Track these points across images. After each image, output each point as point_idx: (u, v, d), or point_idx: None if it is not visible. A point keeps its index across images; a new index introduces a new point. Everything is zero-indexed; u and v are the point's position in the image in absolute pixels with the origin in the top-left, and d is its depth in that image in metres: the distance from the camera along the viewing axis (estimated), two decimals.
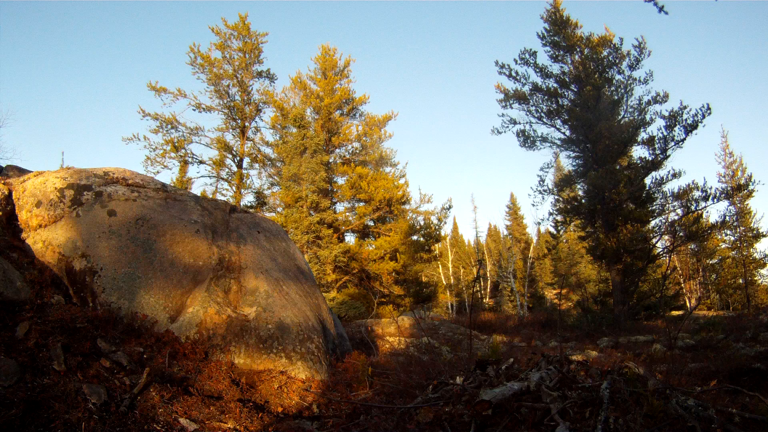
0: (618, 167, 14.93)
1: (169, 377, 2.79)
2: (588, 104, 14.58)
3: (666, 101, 14.68)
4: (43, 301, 3.01)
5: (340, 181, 19.06)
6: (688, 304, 26.21)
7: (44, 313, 2.81)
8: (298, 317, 3.97)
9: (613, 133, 14.20)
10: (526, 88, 16.04)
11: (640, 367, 2.78)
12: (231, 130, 18.14)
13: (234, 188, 17.69)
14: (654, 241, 14.97)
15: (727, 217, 15.10)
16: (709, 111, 13.00)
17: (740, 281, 24.14)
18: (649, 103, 14.82)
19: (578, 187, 17.74)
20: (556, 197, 16.62)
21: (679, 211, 14.38)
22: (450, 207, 18.18)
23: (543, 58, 31.81)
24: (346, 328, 7.04)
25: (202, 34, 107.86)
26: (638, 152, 20.85)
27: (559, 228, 17.32)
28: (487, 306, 31.74)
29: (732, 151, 26.64)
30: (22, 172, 4.72)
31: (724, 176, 25.64)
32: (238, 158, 18.05)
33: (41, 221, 3.63)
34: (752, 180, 13.79)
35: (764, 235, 17.89)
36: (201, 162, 17.29)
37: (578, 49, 15.89)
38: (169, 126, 16.54)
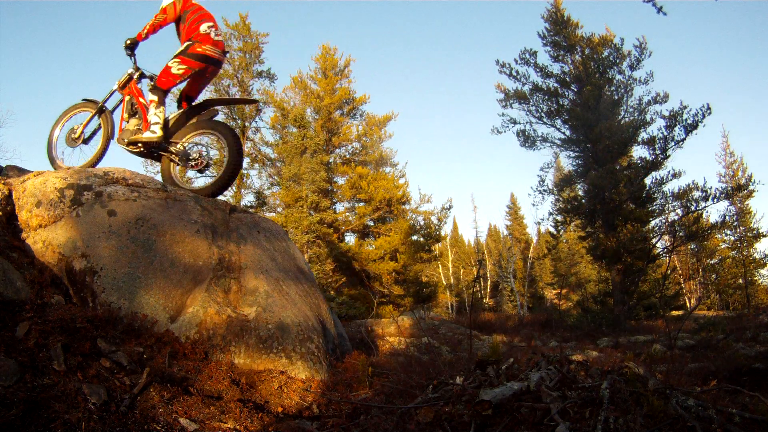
0: (618, 167, 14.94)
1: (169, 377, 2.79)
2: (588, 104, 14.58)
3: (666, 101, 14.71)
4: (43, 301, 3.01)
5: (340, 181, 19.07)
6: (688, 304, 26.22)
7: (44, 313, 2.81)
8: (298, 317, 3.97)
9: (614, 133, 14.21)
10: (527, 88, 16.06)
11: (640, 367, 2.78)
12: None
13: (234, 188, 17.70)
14: (654, 241, 14.98)
15: (727, 217, 15.11)
16: (709, 111, 13.01)
17: (740, 281, 24.13)
18: (649, 103, 14.84)
19: (578, 187, 17.76)
20: (556, 197, 16.64)
21: (679, 211, 14.40)
22: (450, 207, 18.19)
23: (543, 58, 31.78)
24: (346, 328, 7.04)
25: None
26: (638, 152, 20.82)
27: (559, 228, 17.32)
28: (487, 306, 31.74)
29: (732, 150, 26.65)
30: (22, 172, 4.72)
31: (724, 176, 25.68)
32: None
33: (41, 221, 3.63)
34: (752, 180, 13.80)
35: (764, 235, 17.90)
36: None
37: (579, 49, 15.90)
38: None
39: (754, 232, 22.80)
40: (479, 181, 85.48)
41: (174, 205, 4.13)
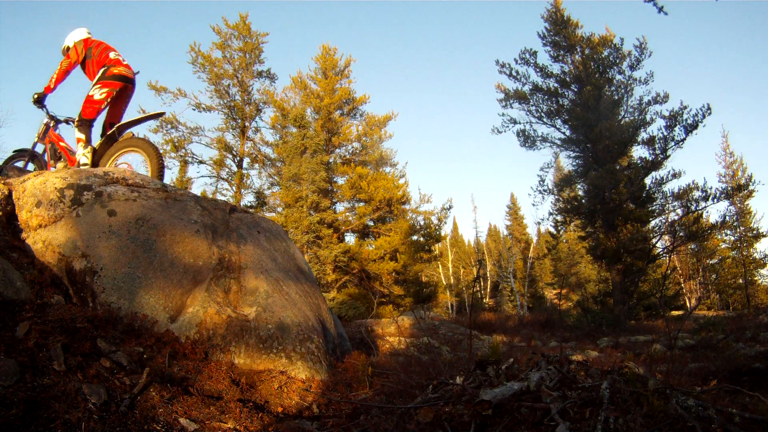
0: (618, 167, 14.94)
1: (169, 377, 2.79)
2: (588, 104, 14.58)
3: (666, 101, 14.69)
4: (43, 301, 3.01)
5: (340, 181, 19.07)
6: (688, 304, 26.21)
7: (44, 313, 2.81)
8: (298, 317, 3.97)
9: (614, 133, 14.20)
10: (527, 88, 16.05)
11: (640, 367, 2.78)
12: (231, 130, 18.14)
13: (234, 188, 17.70)
14: (654, 241, 14.96)
15: (727, 217, 15.10)
16: (709, 111, 13.00)
17: (740, 281, 24.13)
18: (649, 103, 14.82)
19: (578, 187, 17.76)
20: (556, 197, 16.63)
21: (679, 211, 14.39)
22: (450, 207, 18.18)
23: (543, 58, 31.83)
24: (346, 328, 7.04)
25: (203, 34, 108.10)
26: (638, 152, 20.84)
27: (559, 228, 17.33)
28: (487, 306, 31.75)
29: (732, 151, 26.66)
30: (22, 172, 4.73)
31: (724, 176, 25.67)
32: (238, 158, 18.06)
33: (41, 221, 3.63)
34: (752, 180, 13.79)
35: (764, 235, 17.89)
36: (201, 162, 17.29)
37: (579, 49, 15.89)
38: (169, 125, 16.54)
39: (754, 232, 22.79)
40: (479, 181, 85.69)
41: (174, 205, 4.13)
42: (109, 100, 4.65)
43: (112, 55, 4.73)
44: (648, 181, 14.74)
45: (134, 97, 5.04)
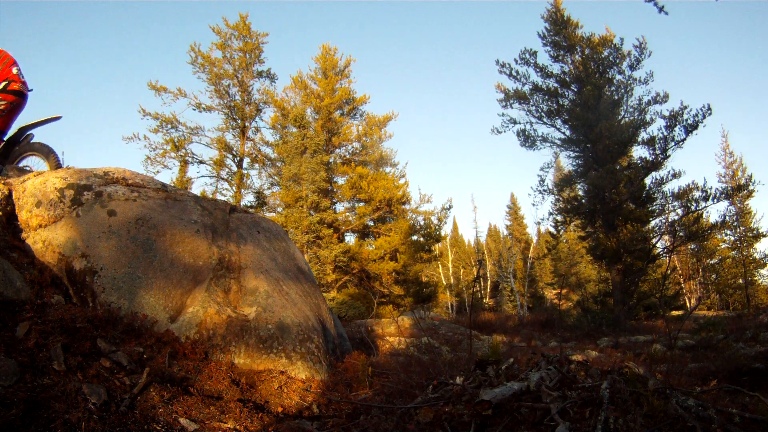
0: (618, 167, 14.93)
1: (169, 377, 2.79)
2: (588, 104, 14.57)
3: (666, 101, 14.69)
4: (43, 301, 3.01)
5: (340, 181, 19.05)
6: (688, 304, 26.20)
7: (44, 313, 2.81)
8: (298, 317, 3.97)
9: (614, 133, 14.19)
10: (527, 88, 16.05)
11: (640, 367, 2.78)
12: (231, 130, 18.13)
13: (234, 188, 17.69)
14: (654, 241, 14.95)
15: (727, 217, 15.09)
16: (709, 111, 12.99)
17: (740, 281, 24.13)
18: (649, 103, 14.82)
19: (578, 187, 17.75)
20: (556, 197, 16.63)
21: (679, 211, 14.38)
22: (450, 207, 18.16)
23: (543, 58, 31.78)
24: (346, 328, 7.04)
25: (203, 34, 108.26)
26: (638, 152, 20.80)
27: (559, 228, 17.33)
28: (487, 306, 31.74)
29: (732, 151, 26.64)
30: (22, 172, 4.73)
31: (724, 176, 25.67)
32: (238, 158, 18.05)
33: (41, 221, 3.63)
34: (752, 180, 13.77)
35: (764, 235, 17.86)
36: (201, 162, 17.28)
37: (579, 49, 15.89)
38: (169, 125, 16.52)
39: (754, 232, 22.78)
40: (479, 181, 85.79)
41: (174, 205, 4.13)
42: (5, 111, 5.07)
43: (14, 70, 5.12)
44: (648, 181, 14.73)
45: (134, 98, 5.16)
